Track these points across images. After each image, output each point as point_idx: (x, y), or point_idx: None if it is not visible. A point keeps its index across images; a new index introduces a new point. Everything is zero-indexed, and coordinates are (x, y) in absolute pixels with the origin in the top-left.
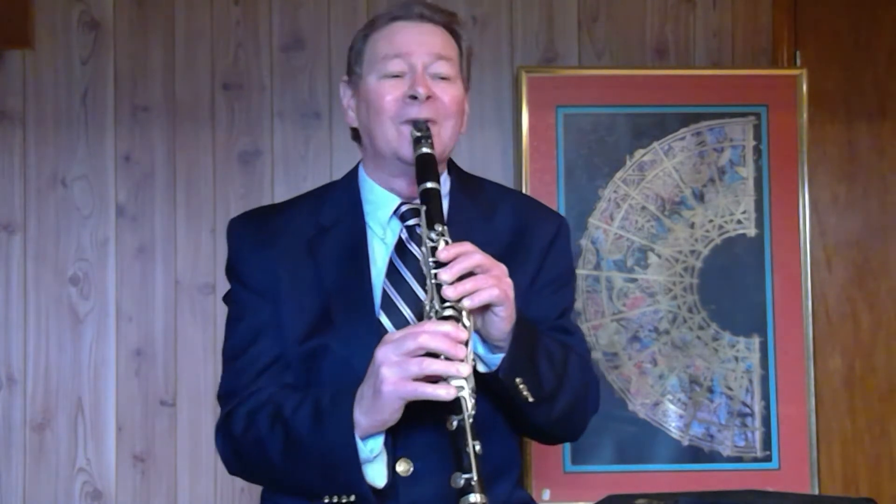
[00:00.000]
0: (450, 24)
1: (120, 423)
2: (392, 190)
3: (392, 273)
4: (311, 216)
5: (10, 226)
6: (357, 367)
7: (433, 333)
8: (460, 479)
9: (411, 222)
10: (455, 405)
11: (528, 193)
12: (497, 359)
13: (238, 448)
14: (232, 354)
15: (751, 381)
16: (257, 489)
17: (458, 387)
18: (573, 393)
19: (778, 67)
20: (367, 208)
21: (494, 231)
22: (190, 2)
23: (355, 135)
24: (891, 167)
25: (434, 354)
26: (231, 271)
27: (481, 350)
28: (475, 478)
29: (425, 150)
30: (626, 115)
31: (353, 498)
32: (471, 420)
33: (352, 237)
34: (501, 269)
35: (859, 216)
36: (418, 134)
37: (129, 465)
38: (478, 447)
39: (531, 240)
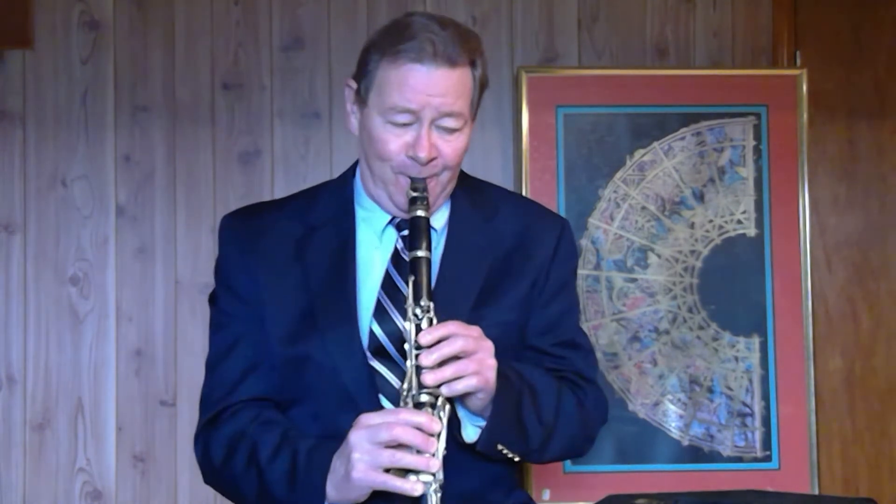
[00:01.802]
0: (471, 60)
1: (120, 423)
2: (385, 209)
3: (387, 282)
4: (301, 215)
5: (10, 226)
6: (339, 373)
7: (406, 426)
8: None
9: (407, 232)
10: (421, 502)
11: (528, 193)
12: (480, 419)
13: (216, 476)
14: (212, 363)
15: (751, 381)
16: None
17: (426, 482)
18: (566, 436)
19: (778, 67)
20: (362, 214)
21: (495, 234)
22: (190, 2)
23: None
24: (891, 167)
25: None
26: (218, 272)
27: (463, 413)
28: None
29: (420, 212)
30: (626, 115)
31: None
32: None
33: (339, 239)
34: (486, 351)
35: (859, 216)
36: (415, 194)
37: (129, 465)
38: None
39: (533, 247)
